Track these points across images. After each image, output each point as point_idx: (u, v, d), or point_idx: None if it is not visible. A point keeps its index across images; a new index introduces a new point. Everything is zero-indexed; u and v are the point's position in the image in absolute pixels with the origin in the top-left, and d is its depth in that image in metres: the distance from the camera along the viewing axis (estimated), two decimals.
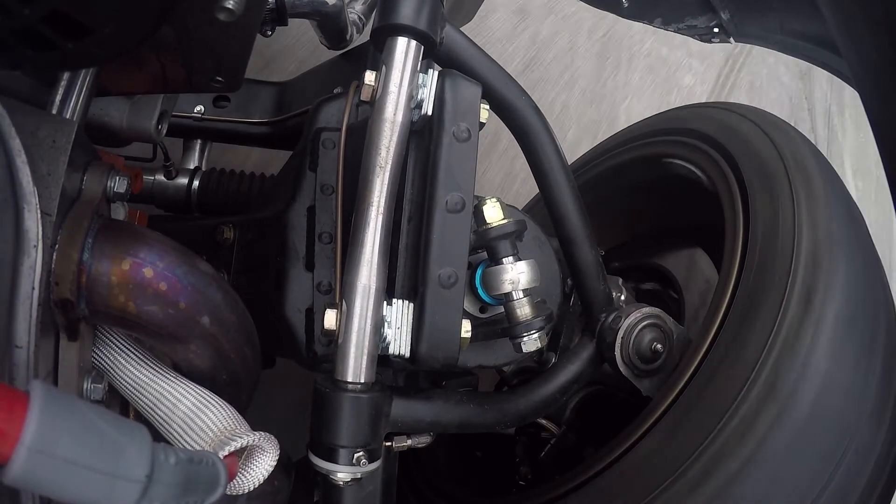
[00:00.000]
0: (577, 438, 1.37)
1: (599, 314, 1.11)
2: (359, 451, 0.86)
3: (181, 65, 0.85)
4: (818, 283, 0.94)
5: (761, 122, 1.21)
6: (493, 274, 0.94)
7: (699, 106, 1.46)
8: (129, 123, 1.18)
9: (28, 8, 0.59)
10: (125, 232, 0.80)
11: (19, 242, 0.66)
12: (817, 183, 1.06)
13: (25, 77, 0.74)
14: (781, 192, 1.06)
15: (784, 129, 1.20)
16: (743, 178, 1.14)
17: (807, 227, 1.00)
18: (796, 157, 1.10)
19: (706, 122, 1.30)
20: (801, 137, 1.19)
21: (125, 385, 0.86)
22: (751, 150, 1.16)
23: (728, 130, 1.23)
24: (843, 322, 0.92)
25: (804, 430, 0.87)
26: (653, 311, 1.10)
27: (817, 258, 0.96)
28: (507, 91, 1.06)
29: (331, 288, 1.05)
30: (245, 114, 1.64)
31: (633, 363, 1.09)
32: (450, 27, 0.98)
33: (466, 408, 1.01)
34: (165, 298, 0.80)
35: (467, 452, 1.56)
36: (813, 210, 1.02)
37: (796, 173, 1.07)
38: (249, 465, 0.84)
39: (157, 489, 0.51)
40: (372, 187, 0.87)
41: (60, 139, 0.72)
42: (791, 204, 1.03)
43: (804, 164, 1.09)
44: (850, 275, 0.96)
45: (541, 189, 1.11)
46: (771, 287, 0.97)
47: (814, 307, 0.92)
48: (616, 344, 1.07)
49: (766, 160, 1.12)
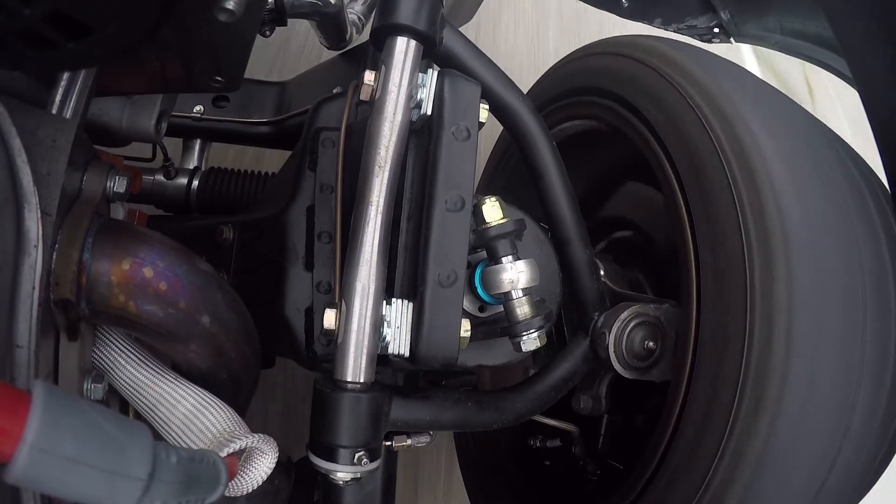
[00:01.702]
0: (622, 417, 1.37)
1: (593, 313, 1.12)
2: (359, 451, 0.86)
3: (181, 64, 0.85)
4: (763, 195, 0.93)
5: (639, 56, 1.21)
6: (492, 273, 0.94)
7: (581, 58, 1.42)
8: (129, 123, 1.18)
9: (29, 8, 0.59)
10: (125, 232, 0.81)
11: (20, 242, 0.66)
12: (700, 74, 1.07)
13: (25, 77, 0.74)
14: (682, 109, 1.06)
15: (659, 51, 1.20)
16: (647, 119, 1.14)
17: (719, 127, 1.00)
18: (681, 71, 1.11)
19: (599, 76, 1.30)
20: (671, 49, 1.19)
21: (125, 385, 0.86)
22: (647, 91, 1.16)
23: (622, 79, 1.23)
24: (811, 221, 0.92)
25: None
26: (635, 310, 1.09)
27: (746, 155, 0.96)
28: (504, 92, 1.06)
29: (330, 287, 1.05)
30: (245, 113, 1.64)
31: (632, 365, 1.09)
32: (449, 28, 0.99)
33: (465, 407, 1.01)
34: (165, 298, 0.80)
35: (538, 465, 1.56)
36: (713, 103, 1.03)
37: (687, 86, 1.08)
38: (248, 467, 0.84)
39: (159, 488, 0.51)
40: (371, 187, 0.87)
41: (60, 139, 0.72)
42: (694, 114, 1.04)
43: (687, 71, 1.10)
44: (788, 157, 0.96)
45: (537, 189, 1.12)
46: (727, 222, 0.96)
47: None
48: (610, 353, 1.07)
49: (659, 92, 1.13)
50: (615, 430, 1.38)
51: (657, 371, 1.10)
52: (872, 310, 0.93)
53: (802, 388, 0.88)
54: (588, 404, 1.23)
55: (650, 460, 1.03)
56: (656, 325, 1.10)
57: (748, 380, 0.89)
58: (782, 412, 0.87)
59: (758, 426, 0.88)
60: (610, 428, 1.38)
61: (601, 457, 1.39)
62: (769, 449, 0.88)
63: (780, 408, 0.87)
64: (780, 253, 0.90)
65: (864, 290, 0.93)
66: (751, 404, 0.88)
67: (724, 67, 1.16)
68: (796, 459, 0.89)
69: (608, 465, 1.40)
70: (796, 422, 0.88)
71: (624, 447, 1.37)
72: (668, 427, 1.00)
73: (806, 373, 0.88)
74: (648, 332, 1.09)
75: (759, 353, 0.88)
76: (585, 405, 1.24)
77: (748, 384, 0.89)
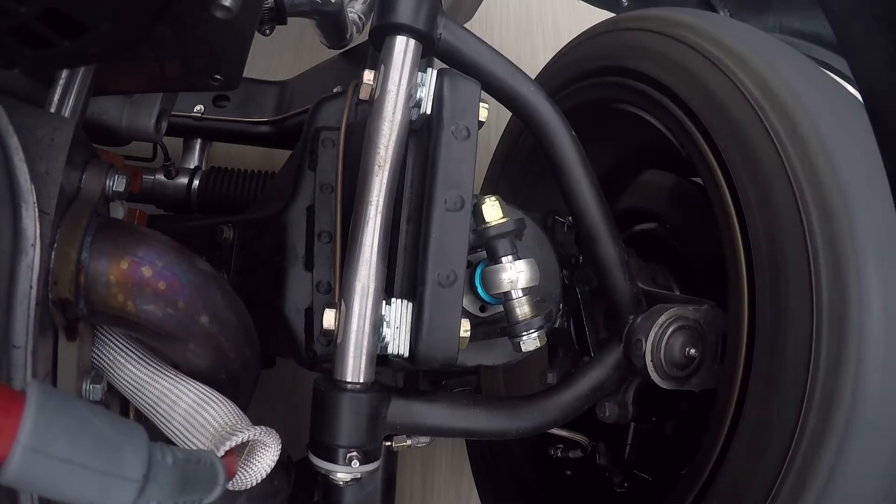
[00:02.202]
0: (650, 425, 1.28)
1: (627, 316, 1.04)
2: (359, 451, 0.86)
3: (179, 63, 0.85)
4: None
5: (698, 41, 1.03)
6: (492, 273, 0.93)
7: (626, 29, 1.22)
8: (129, 122, 1.18)
9: (24, 6, 0.58)
10: (124, 231, 0.80)
11: (17, 241, 0.65)
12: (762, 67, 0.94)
13: (23, 75, 0.74)
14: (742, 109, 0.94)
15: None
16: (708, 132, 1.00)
17: (770, 109, 0.90)
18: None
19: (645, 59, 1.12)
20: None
21: (125, 384, 0.86)
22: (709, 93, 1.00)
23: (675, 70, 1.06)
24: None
25: None
26: (674, 312, 1.00)
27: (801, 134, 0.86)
28: (515, 83, 1.03)
29: (330, 287, 1.05)
30: (245, 113, 1.64)
31: (671, 375, 1.01)
32: (452, 23, 0.98)
33: (473, 413, 0.97)
34: (164, 297, 0.80)
35: (558, 475, 1.47)
36: (762, 81, 0.92)
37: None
38: (252, 460, 0.84)
39: (154, 489, 0.51)
40: (371, 186, 0.87)
41: (59, 138, 0.72)
42: (740, 93, 0.93)
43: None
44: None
45: (558, 183, 1.07)
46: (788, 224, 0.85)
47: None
48: (647, 363, 0.99)
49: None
50: (642, 438, 1.29)
51: (697, 380, 1.02)
52: None
53: (877, 402, 0.78)
54: (614, 412, 1.12)
55: (696, 480, 0.94)
56: (697, 330, 1.01)
57: (815, 393, 0.80)
58: (854, 429, 0.78)
59: (827, 443, 0.79)
60: (637, 436, 1.28)
61: (628, 467, 1.31)
62: (839, 469, 0.79)
63: (852, 424, 0.78)
64: (850, 255, 0.80)
65: None
66: (819, 420, 0.79)
67: (765, 41, 1.03)
68: (867, 483, 0.81)
69: (635, 476, 1.30)
70: (869, 438, 0.79)
71: (652, 457, 1.29)
72: (716, 443, 0.91)
73: (881, 387, 0.79)
74: (689, 338, 1.01)
75: (828, 365, 0.79)
76: (611, 413, 1.12)
77: (815, 398, 0.80)
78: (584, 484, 1.42)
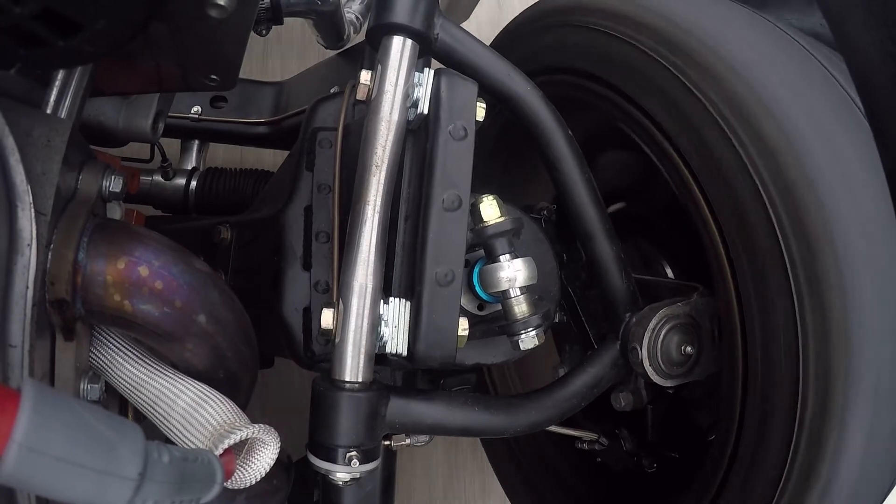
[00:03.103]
0: (666, 404, 1.29)
1: (624, 314, 1.05)
2: (358, 451, 0.85)
3: (175, 63, 0.85)
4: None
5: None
6: (490, 272, 0.93)
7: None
8: (126, 123, 1.18)
9: (20, 6, 0.58)
10: (120, 231, 0.80)
11: (13, 241, 0.66)
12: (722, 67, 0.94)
13: (19, 76, 0.73)
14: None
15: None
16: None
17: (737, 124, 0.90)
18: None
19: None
20: None
21: (123, 384, 0.86)
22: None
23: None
24: None
25: None
26: (665, 312, 1.01)
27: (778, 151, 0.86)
28: (511, 83, 1.03)
29: (328, 287, 1.05)
30: (242, 114, 1.64)
31: (671, 373, 1.02)
32: (449, 23, 0.98)
33: (471, 411, 0.97)
34: (161, 297, 0.80)
35: (591, 463, 1.48)
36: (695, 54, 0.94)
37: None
38: (251, 459, 0.84)
39: (151, 487, 0.51)
40: (368, 186, 0.87)
41: (55, 138, 0.72)
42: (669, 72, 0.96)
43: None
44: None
45: (554, 182, 1.08)
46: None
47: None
48: (646, 366, 1.00)
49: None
50: (661, 418, 1.30)
51: (699, 369, 1.03)
52: None
53: (872, 349, 0.81)
54: (629, 400, 1.15)
55: (720, 459, 0.97)
56: (690, 325, 1.02)
57: (808, 359, 0.83)
58: (855, 384, 0.80)
59: (833, 403, 0.82)
60: (656, 418, 1.29)
61: (653, 448, 1.32)
62: (847, 423, 0.81)
63: (850, 380, 0.80)
64: (819, 224, 0.82)
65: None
66: (819, 385, 0.82)
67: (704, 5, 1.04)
68: (880, 427, 0.82)
69: (663, 455, 1.32)
70: (872, 389, 0.81)
71: (674, 434, 1.30)
72: (731, 424, 0.94)
73: (871, 334, 0.81)
74: (684, 336, 1.02)
75: (816, 331, 0.82)
76: (626, 402, 1.15)
77: (809, 363, 0.83)
78: (617, 469, 1.43)
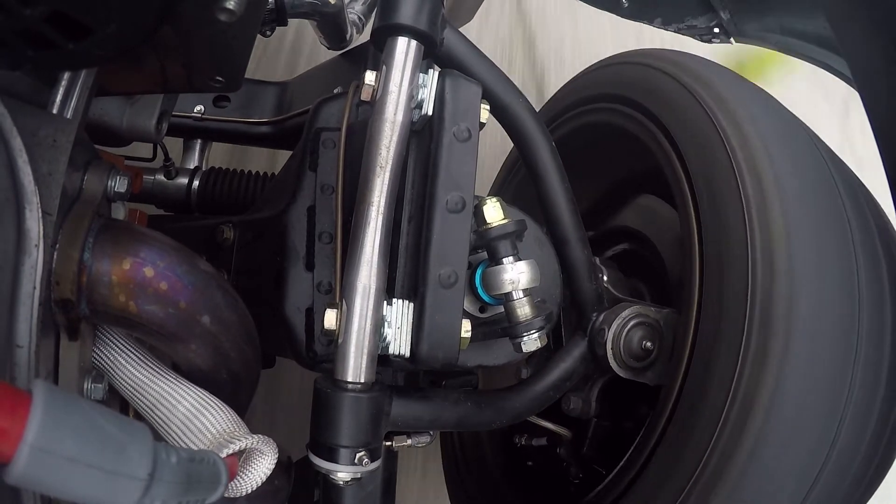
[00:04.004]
0: (611, 423, 1.38)
1: (591, 314, 1.13)
2: (359, 451, 0.86)
3: (181, 64, 0.85)
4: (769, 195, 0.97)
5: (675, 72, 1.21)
6: (493, 274, 0.94)
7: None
8: (130, 123, 1.18)
9: (29, 8, 0.59)
10: (126, 231, 0.81)
11: (21, 242, 0.66)
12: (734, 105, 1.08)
13: (26, 77, 0.74)
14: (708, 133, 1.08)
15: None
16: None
17: (737, 143, 1.03)
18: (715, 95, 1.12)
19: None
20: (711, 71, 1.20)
21: (125, 385, 0.86)
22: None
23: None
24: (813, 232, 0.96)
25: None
26: (636, 309, 1.11)
27: (757, 168, 0.99)
28: (503, 93, 1.06)
29: (331, 288, 1.05)
30: (245, 114, 1.64)
31: (628, 365, 1.10)
32: (450, 28, 0.98)
33: (464, 406, 1.01)
34: (166, 298, 0.80)
35: (519, 464, 1.58)
36: (734, 122, 1.05)
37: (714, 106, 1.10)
38: (248, 468, 0.84)
39: (159, 487, 0.51)
40: (372, 187, 0.87)
41: (61, 139, 0.72)
42: (716, 133, 1.06)
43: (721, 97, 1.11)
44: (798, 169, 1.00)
45: (536, 190, 1.12)
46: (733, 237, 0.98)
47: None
48: (608, 350, 1.09)
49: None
50: (602, 435, 1.39)
51: (652, 373, 1.12)
52: (868, 327, 0.95)
53: (795, 398, 0.89)
54: (578, 405, 1.25)
55: (635, 461, 1.05)
56: (655, 328, 1.12)
57: (741, 384, 0.91)
58: (773, 420, 0.89)
59: (749, 429, 0.90)
60: (597, 432, 1.39)
61: (586, 460, 1.41)
62: (757, 454, 0.90)
63: (770, 415, 0.89)
64: (783, 274, 0.92)
65: (860, 315, 0.95)
66: (743, 407, 0.90)
67: (750, 91, 1.18)
68: (785, 465, 0.91)
69: (591, 469, 1.41)
70: (787, 429, 0.90)
71: (609, 453, 1.38)
72: (656, 428, 1.03)
73: (799, 384, 0.90)
74: (647, 333, 1.11)
75: (755, 359, 0.91)
76: (576, 406, 1.25)
77: (741, 388, 0.91)
78: (544, 474, 1.53)
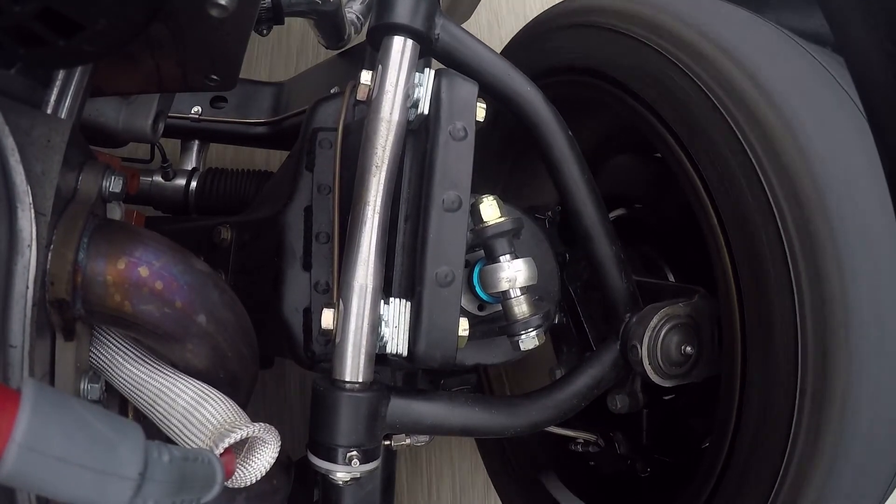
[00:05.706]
0: (662, 408, 1.29)
1: (624, 314, 1.05)
2: (357, 451, 0.85)
3: (176, 63, 0.85)
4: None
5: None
6: (490, 272, 0.93)
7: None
8: (126, 124, 1.18)
9: (20, 5, 0.58)
10: (121, 231, 0.80)
11: (13, 242, 0.65)
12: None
13: (19, 76, 0.73)
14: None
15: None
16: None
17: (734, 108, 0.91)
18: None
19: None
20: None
21: (123, 383, 0.86)
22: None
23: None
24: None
25: None
26: (666, 312, 1.01)
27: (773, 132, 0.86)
28: (512, 83, 1.04)
29: (328, 287, 1.05)
30: (242, 114, 1.64)
31: (670, 373, 1.01)
32: (449, 23, 0.98)
33: (472, 411, 0.97)
34: (161, 297, 0.80)
35: (580, 467, 1.47)
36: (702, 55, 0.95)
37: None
38: (251, 458, 0.84)
39: (151, 487, 0.51)
40: (368, 187, 0.87)
41: (55, 138, 0.72)
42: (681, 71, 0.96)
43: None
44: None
45: (554, 182, 1.08)
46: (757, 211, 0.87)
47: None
48: (645, 364, 1.00)
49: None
50: (657, 422, 1.31)
51: (698, 371, 1.03)
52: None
53: (874, 355, 0.81)
54: (625, 402, 1.16)
55: (713, 466, 0.97)
56: (690, 326, 1.02)
57: (807, 368, 0.83)
58: (855, 392, 0.81)
59: (828, 416, 0.82)
60: (651, 421, 1.30)
61: (648, 452, 1.32)
62: (844, 435, 0.82)
63: (850, 388, 0.81)
64: (823, 227, 0.81)
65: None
66: (815, 394, 0.82)
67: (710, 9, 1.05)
68: (877, 437, 0.83)
69: (656, 460, 1.32)
70: (872, 400, 0.81)
71: (669, 439, 1.31)
72: (727, 430, 0.94)
73: (871, 344, 0.81)
74: (684, 336, 1.01)
75: (815, 339, 0.82)
76: (622, 404, 1.16)
77: (808, 374, 0.83)
78: (610, 474, 1.42)
